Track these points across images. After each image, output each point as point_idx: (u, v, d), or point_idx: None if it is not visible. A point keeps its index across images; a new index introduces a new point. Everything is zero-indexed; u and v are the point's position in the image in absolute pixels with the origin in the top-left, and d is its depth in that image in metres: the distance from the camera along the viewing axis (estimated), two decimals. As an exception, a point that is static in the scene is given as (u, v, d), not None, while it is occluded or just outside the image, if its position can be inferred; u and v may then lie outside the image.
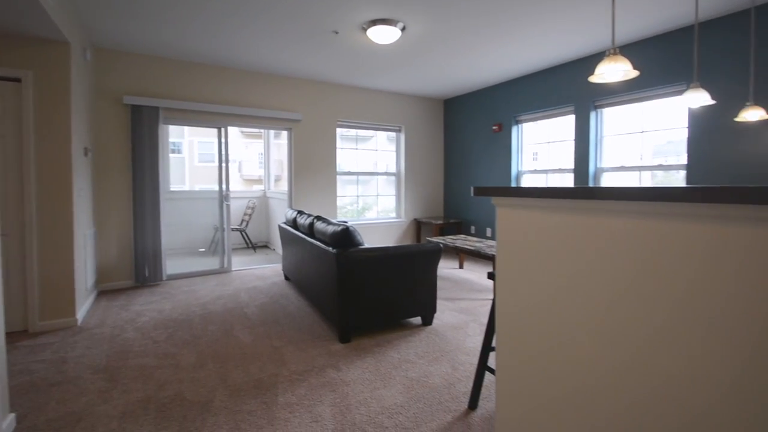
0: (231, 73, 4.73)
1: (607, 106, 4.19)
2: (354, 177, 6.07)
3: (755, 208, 0.83)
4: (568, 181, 4.68)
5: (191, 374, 2.24)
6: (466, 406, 1.91)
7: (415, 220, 6.20)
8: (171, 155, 12.96)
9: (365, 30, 3.54)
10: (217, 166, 4.78)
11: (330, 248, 2.74)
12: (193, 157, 13.34)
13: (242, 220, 6.36)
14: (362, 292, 2.68)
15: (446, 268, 5.03)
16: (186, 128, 12.78)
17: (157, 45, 3.96)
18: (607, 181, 4.24)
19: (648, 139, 3.93)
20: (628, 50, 3.90)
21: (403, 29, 3.58)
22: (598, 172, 4.28)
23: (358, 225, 5.75)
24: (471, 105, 5.92)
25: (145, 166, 4.15)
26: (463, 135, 6.09)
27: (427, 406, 1.92)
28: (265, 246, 6.89)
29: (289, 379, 2.18)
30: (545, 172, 4.98)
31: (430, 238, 4.55)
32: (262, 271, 4.86)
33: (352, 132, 6.11)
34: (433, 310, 2.98)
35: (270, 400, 1.98)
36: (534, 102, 4.92)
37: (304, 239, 3.35)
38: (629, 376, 1.06)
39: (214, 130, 4.84)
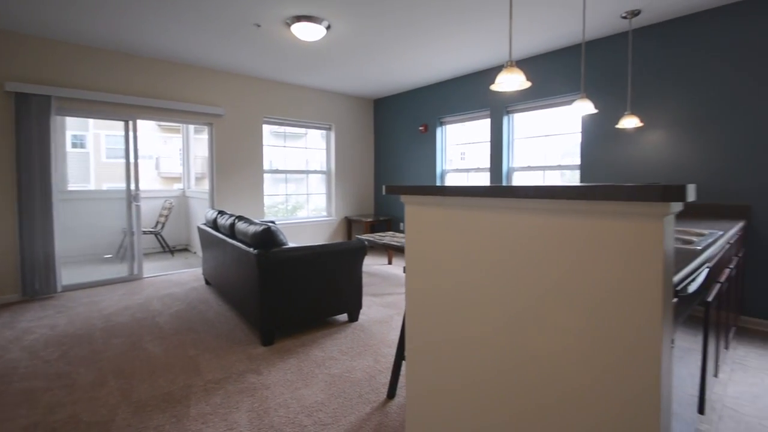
0: (142, 62, 4.31)
1: (517, 112, 4.59)
2: (286, 175, 5.91)
3: (618, 204, 0.99)
4: (486, 179, 5.04)
5: (89, 394, 2.03)
6: (385, 396, 1.99)
7: (345, 218, 6.23)
8: (72, 150, 11.43)
9: (289, 25, 3.47)
10: (125, 163, 4.34)
11: (251, 249, 2.65)
12: (99, 153, 11.91)
13: (157, 222, 5.84)
14: (285, 292, 2.64)
15: (375, 264, 5.13)
16: (91, 120, 11.37)
17: (51, 26, 3.46)
18: (518, 179, 4.65)
19: (552, 142, 4.38)
20: (532, 62, 4.31)
21: (328, 28, 3.56)
22: (510, 171, 4.68)
23: (288, 224, 5.62)
24: (399, 105, 6.08)
25: (33, 163, 3.62)
26: (392, 134, 6.24)
27: (348, 400, 1.96)
28: (185, 249, 6.41)
29: (204, 389, 2.07)
30: (467, 171, 5.31)
31: (359, 236, 4.61)
32: (180, 277, 4.52)
33: (284, 129, 5.93)
34: (359, 306, 3.03)
35: (181, 413, 1.87)
36: (456, 105, 5.21)
37: (224, 241, 3.19)
38: (519, 355, 1.20)
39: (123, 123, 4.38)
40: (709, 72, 3.14)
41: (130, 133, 4.32)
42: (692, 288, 1.43)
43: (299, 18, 3.36)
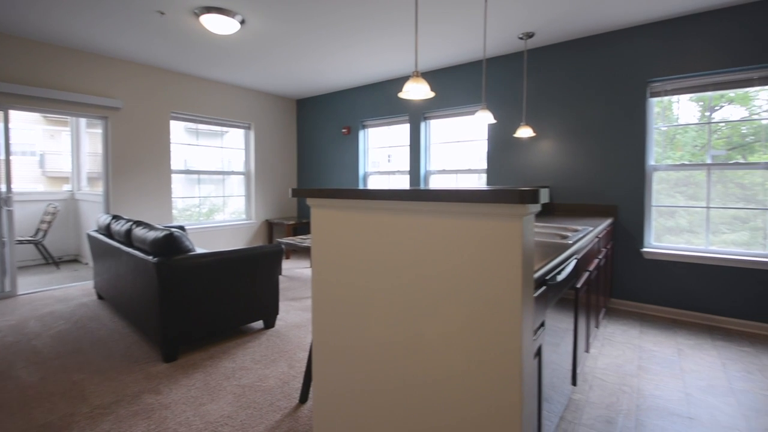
0: (19, 43, 3.69)
1: (432, 118, 4.86)
2: (207, 176, 5.49)
3: (492, 206, 1.10)
4: (406, 181, 5.24)
5: (-71, 440, 1.68)
6: (298, 401, 1.96)
7: (266, 221, 6.00)
8: None
9: (198, 16, 3.25)
10: (-10, 161, 3.67)
11: (150, 257, 2.42)
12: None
13: (38, 230, 5.03)
14: (192, 303, 2.46)
15: (298, 267, 5.03)
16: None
17: None
18: (434, 182, 4.92)
19: (465, 147, 4.72)
20: (443, 73, 4.60)
21: (242, 22, 3.41)
22: (428, 174, 4.94)
23: (203, 229, 5.24)
24: (323, 107, 6.04)
25: None
26: (315, 135, 6.18)
27: (257, 410, 1.89)
28: (74, 260, 5.61)
29: (90, 416, 1.84)
30: (388, 173, 5.47)
31: (280, 239, 4.47)
32: (67, 292, 3.95)
33: (197, 126, 5.51)
34: (276, 312, 2.94)
35: (57, 446, 1.64)
36: (377, 109, 5.34)
37: (119, 249, 2.87)
38: (415, 348, 1.28)
39: (-17, 114, 3.69)
40: (585, 92, 3.65)
41: (1, 125, 3.66)
42: (561, 277, 1.66)
43: (209, 9, 3.17)
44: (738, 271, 3.00)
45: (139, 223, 2.90)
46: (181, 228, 3.98)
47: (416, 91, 2.25)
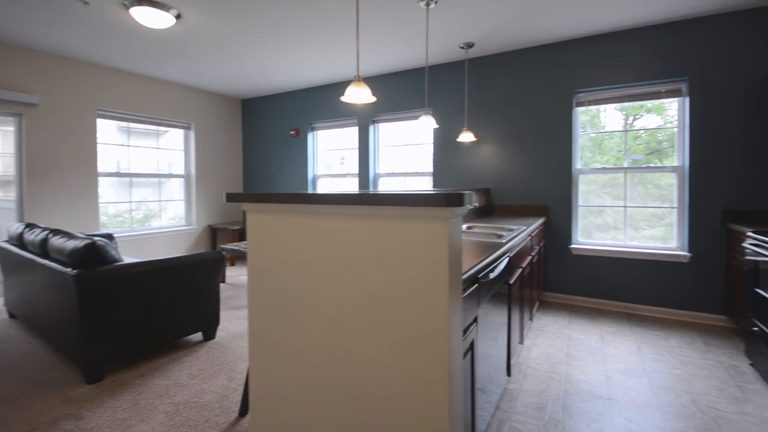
0: None
1: (381, 122, 4.92)
2: (143, 179, 5.09)
3: (415, 210, 1.14)
4: (356, 184, 5.25)
5: None
6: (237, 415, 1.89)
7: (209, 226, 5.70)
8: None
9: (128, 8, 3.02)
10: None
11: (69, 270, 2.20)
12: None
13: (-67, 242, 4.36)
14: (119, 317, 2.28)
15: (242, 275, 4.84)
16: None
17: None
18: (383, 185, 4.98)
19: (413, 150, 4.82)
20: (390, 78, 4.69)
21: (178, 17, 3.23)
22: (377, 177, 4.98)
23: (136, 237, 4.86)
24: (269, 108, 5.87)
25: None
26: (262, 137, 5.99)
27: (192, 428, 1.79)
28: (-17, 274, 4.95)
29: (-8, 451, 1.64)
30: (338, 176, 5.44)
31: (223, 246, 4.27)
32: (-30, 311, 3.48)
33: (139, 126, 5.10)
34: (216, 322, 2.81)
35: (-52, 489, 1.44)
36: (326, 111, 5.29)
37: (34, 261, 2.59)
38: (351, 350, 1.28)
39: None
40: (520, 100, 3.90)
41: None
42: (494, 274, 1.75)
43: (140, 1, 2.96)
44: (651, 263, 3.35)
45: (56, 232, 2.63)
46: (109, 236, 3.67)
47: (358, 95, 2.27)
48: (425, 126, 3.18)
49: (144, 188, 5.32)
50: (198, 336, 2.85)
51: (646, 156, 3.53)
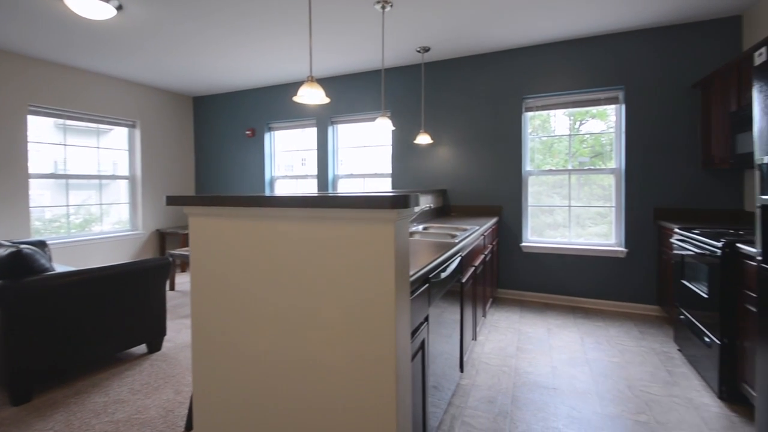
0: None
1: (340, 123, 4.89)
2: (84, 181, 4.69)
3: (361, 212, 1.13)
4: (314, 186, 5.18)
5: None
6: (183, 430, 1.79)
7: (157, 231, 5.38)
8: None
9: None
10: None
11: (-12, 281, 1.99)
12: None
13: None
14: (50, 331, 2.09)
15: (197, 281, 4.62)
16: None
17: None
18: (342, 186, 4.95)
19: (372, 152, 4.83)
20: (348, 79, 4.68)
21: (119, 8, 3.03)
22: (336, 178, 4.95)
23: (74, 243, 4.48)
24: (224, 106, 5.65)
25: None
26: (216, 137, 5.75)
27: (133, 446, 1.68)
28: None
29: None
30: (298, 177, 5.34)
31: (172, 251, 4.05)
32: None
33: (79, 124, 4.69)
34: (163, 333, 2.66)
35: None
36: (284, 111, 5.18)
37: (-55, 273, 2.31)
38: (297, 355, 1.25)
39: None
40: (474, 104, 4.04)
41: None
42: (445, 274, 1.80)
43: (73, -11, 2.74)
44: (593, 259, 3.59)
45: (-26, 240, 2.37)
46: (40, 243, 3.36)
47: (311, 95, 2.24)
48: (382, 128, 3.20)
49: (84, 191, 4.93)
50: (142, 348, 2.68)
51: (591, 159, 3.77)
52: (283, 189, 5.43)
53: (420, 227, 2.91)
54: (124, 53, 4.00)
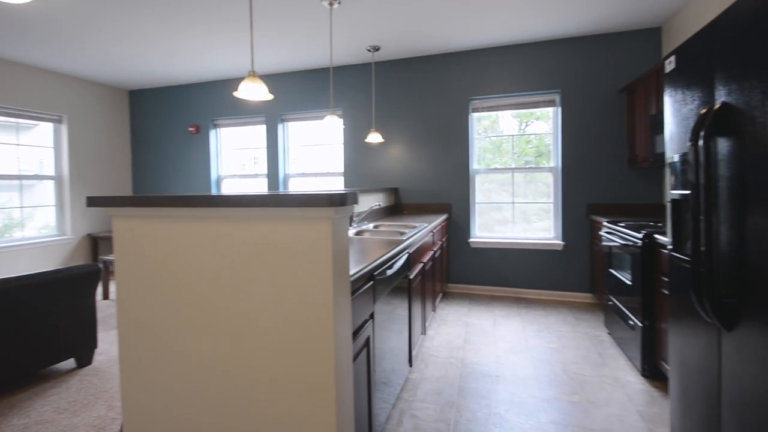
0: None
1: (290, 121, 4.78)
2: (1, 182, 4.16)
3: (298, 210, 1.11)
4: (265, 185, 5.02)
5: None
6: (115, 448, 1.67)
7: (89, 235, 4.95)
8: None
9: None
10: None
11: None
12: None
13: None
14: (-49, 351, 1.85)
15: (136, 288, 4.30)
16: None
17: None
18: (294, 185, 4.85)
19: (324, 151, 4.77)
20: (297, 76, 4.58)
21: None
22: (287, 177, 4.83)
23: (-13, 251, 4.00)
24: (163, 101, 5.30)
25: None
26: (156, 133, 5.38)
27: (55, 471, 1.54)
28: None
29: None
30: (247, 176, 5.15)
31: (106, 257, 3.75)
32: None
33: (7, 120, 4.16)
34: (93, 345, 2.45)
35: None
36: (230, 107, 4.96)
37: None
38: (230, 362, 1.21)
39: None
40: (424, 104, 4.12)
41: None
42: (391, 271, 1.82)
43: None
44: (534, 252, 3.81)
45: None
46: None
47: (252, 91, 2.17)
48: (331, 126, 3.17)
49: (3, 192, 4.41)
50: (71, 363, 2.46)
51: (536, 158, 3.99)
52: (231, 189, 5.21)
53: (371, 225, 2.92)
54: (46, 42, 3.61)
